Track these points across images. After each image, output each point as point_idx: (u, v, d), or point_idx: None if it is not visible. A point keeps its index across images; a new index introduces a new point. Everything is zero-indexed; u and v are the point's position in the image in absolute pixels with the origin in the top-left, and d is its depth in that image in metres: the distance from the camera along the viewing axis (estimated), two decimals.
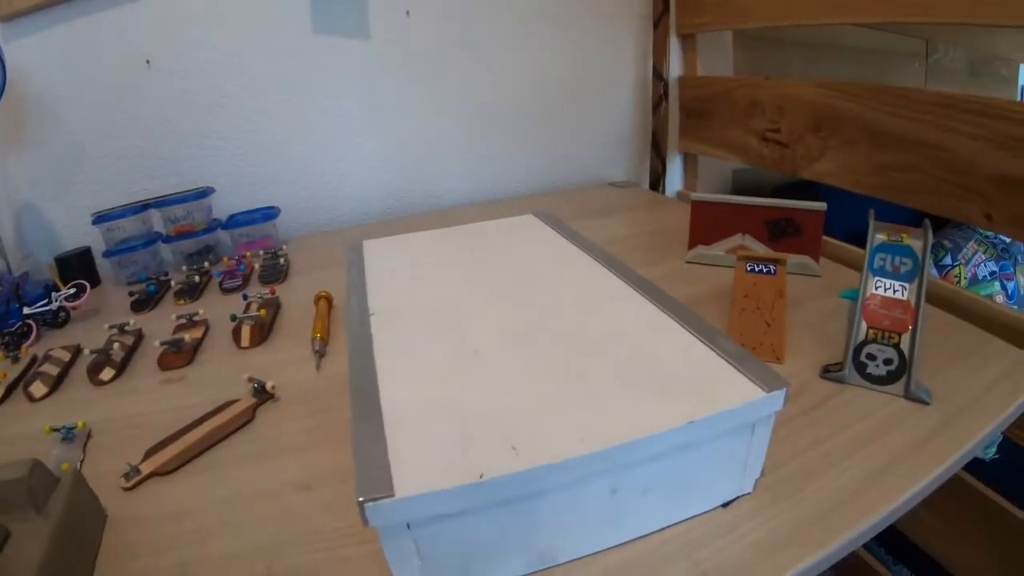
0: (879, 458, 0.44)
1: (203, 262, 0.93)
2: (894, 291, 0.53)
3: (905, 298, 0.53)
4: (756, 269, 0.63)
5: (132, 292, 0.84)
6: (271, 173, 1.08)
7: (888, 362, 0.52)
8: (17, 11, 0.84)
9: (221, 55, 0.98)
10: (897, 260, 0.54)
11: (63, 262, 0.90)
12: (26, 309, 0.75)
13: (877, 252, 0.55)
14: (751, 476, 0.41)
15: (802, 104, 0.92)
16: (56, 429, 0.53)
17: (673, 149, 1.31)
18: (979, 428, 0.47)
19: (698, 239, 0.82)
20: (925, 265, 0.52)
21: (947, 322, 0.63)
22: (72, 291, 0.79)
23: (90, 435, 0.54)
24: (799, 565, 0.36)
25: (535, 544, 0.35)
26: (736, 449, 0.39)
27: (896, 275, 0.53)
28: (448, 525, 0.31)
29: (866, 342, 0.53)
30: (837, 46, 1.40)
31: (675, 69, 1.24)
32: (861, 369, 0.53)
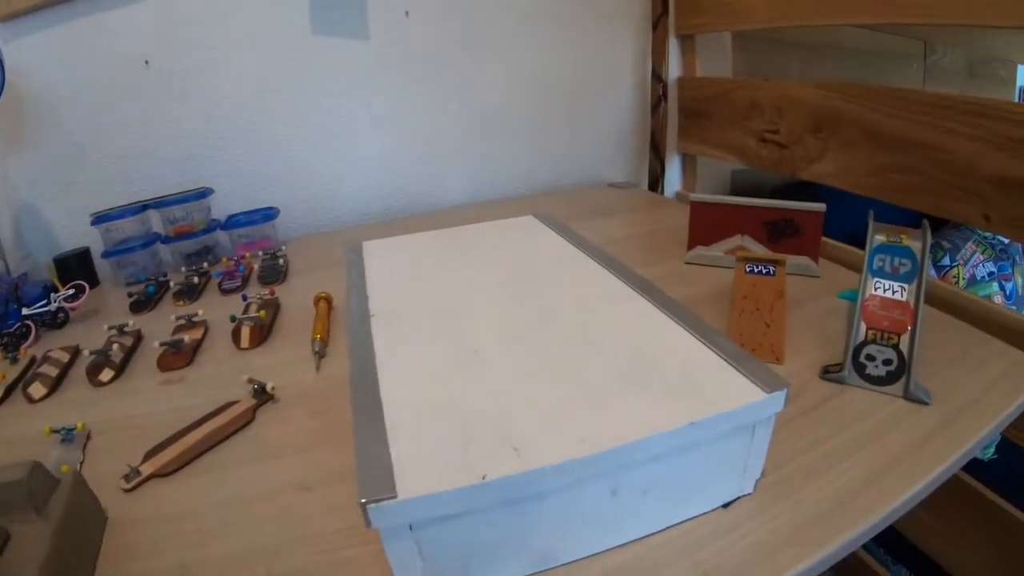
0: (879, 459, 0.45)
1: (202, 263, 0.93)
2: (893, 292, 0.53)
3: (904, 299, 0.53)
4: (755, 270, 0.64)
5: (131, 293, 0.84)
6: (270, 173, 1.08)
7: (887, 363, 0.52)
8: (16, 11, 0.84)
9: (220, 55, 0.98)
10: (896, 261, 0.54)
11: (62, 263, 0.89)
12: (25, 310, 0.75)
13: (876, 253, 0.55)
14: (751, 477, 0.41)
15: (801, 105, 0.92)
16: (56, 430, 0.53)
17: (672, 150, 1.31)
18: (978, 429, 0.47)
19: (697, 240, 0.82)
20: (924, 266, 0.52)
21: (946, 323, 0.63)
22: (71, 292, 0.79)
23: (89, 436, 0.54)
24: (799, 565, 0.37)
25: (536, 545, 0.35)
26: (737, 450, 0.39)
27: (895, 276, 0.54)
28: (450, 526, 0.31)
29: (865, 343, 0.53)
30: (836, 47, 1.40)
31: (674, 70, 1.24)
32: (860, 370, 0.53)
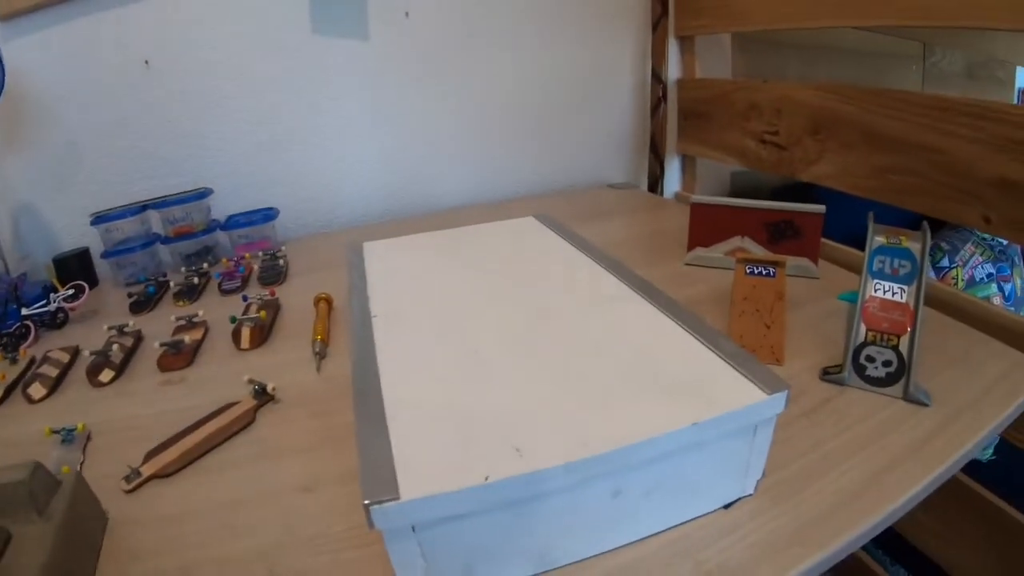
0: (878, 460, 0.45)
1: (202, 263, 0.93)
2: (893, 293, 0.54)
3: (904, 300, 0.53)
4: (755, 271, 0.64)
5: (131, 293, 0.84)
6: (270, 174, 1.07)
7: (887, 364, 0.52)
8: (16, 10, 0.84)
9: (220, 55, 0.97)
10: (896, 263, 0.54)
11: (61, 263, 0.89)
12: (24, 310, 0.75)
13: (876, 255, 0.55)
14: (753, 478, 0.41)
15: (800, 107, 0.93)
16: (56, 431, 0.53)
17: (671, 151, 1.31)
18: (978, 430, 0.47)
19: (697, 241, 0.82)
20: (924, 268, 0.52)
21: (945, 324, 0.63)
22: (70, 292, 0.79)
23: (90, 437, 0.54)
24: (801, 566, 0.37)
25: (538, 546, 0.35)
26: (738, 451, 0.39)
27: (895, 277, 0.54)
28: (453, 527, 0.31)
29: (865, 344, 0.53)
30: (835, 49, 1.40)
31: (673, 71, 1.24)
32: (860, 371, 0.53)
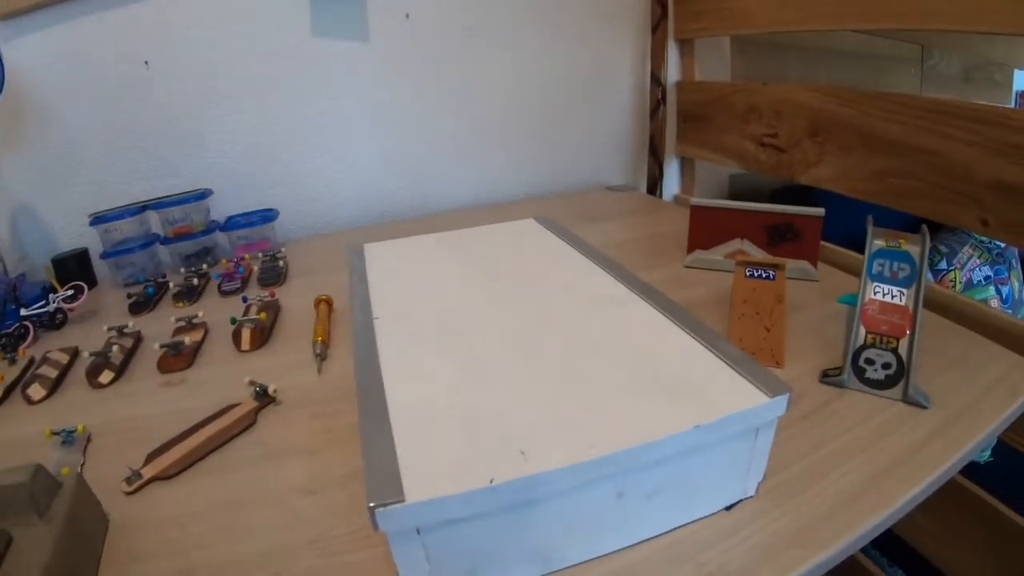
0: (878, 462, 0.45)
1: (201, 264, 0.93)
2: (892, 296, 0.54)
3: (903, 303, 0.53)
4: (755, 274, 0.64)
5: (130, 294, 0.84)
6: (270, 175, 1.07)
7: (886, 366, 0.52)
8: (16, 10, 0.83)
9: (220, 56, 0.97)
10: (895, 266, 0.54)
11: (60, 263, 0.89)
12: (23, 310, 0.75)
13: (875, 258, 0.55)
14: (754, 480, 0.41)
15: (799, 109, 0.93)
16: (56, 432, 0.53)
17: (670, 153, 1.32)
18: (976, 432, 0.48)
19: (697, 244, 0.82)
20: (923, 271, 0.53)
21: (943, 326, 0.64)
22: (70, 293, 0.78)
23: (90, 438, 0.54)
24: (801, 567, 0.37)
25: (542, 548, 0.35)
26: (740, 453, 0.39)
27: (894, 280, 0.54)
28: (457, 530, 0.31)
29: (865, 347, 0.53)
30: (834, 51, 1.41)
31: (673, 74, 1.25)
32: (860, 374, 0.53)
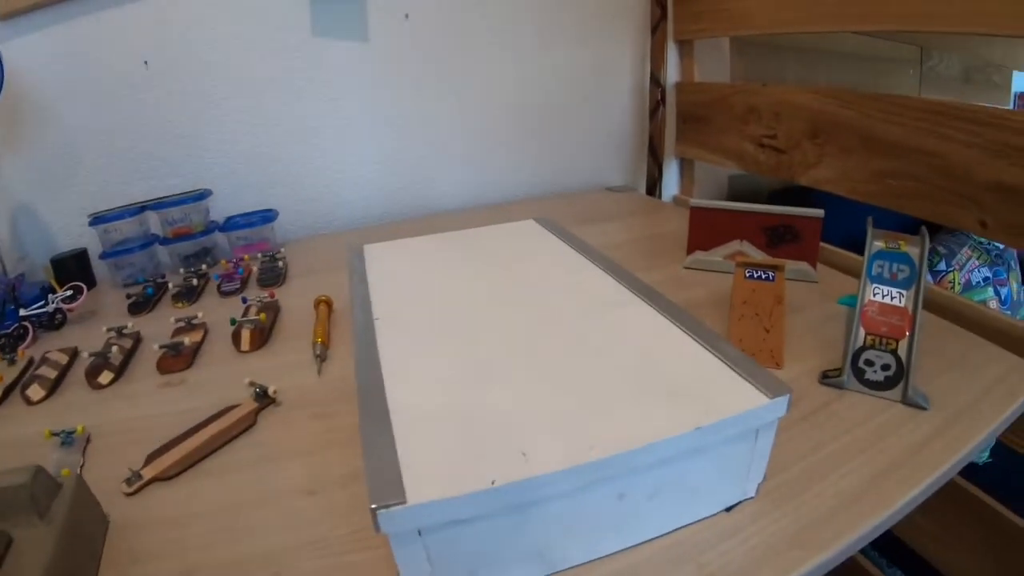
0: (878, 463, 0.45)
1: (200, 265, 0.93)
2: (891, 298, 0.54)
3: (903, 305, 0.53)
4: (755, 275, 0.64)
5: (129, 294, 0.84)
6: (269, 175, 1.07)
7: (886, 368, 0.52)
8: (15, 9, 0.83)
9: (220, 56, 0.97)
10: (895, 267, 0.54)
11: (59, 263, 0.89)
12: (22, 311, 0.75)
13: (875, 259, 0.55)
14: (754, 481, 0.41)
15: (798, 111, 0.93)
16: (55, 433, 0.53)
17: (669, 154, 1.32)
18: (976, 433, 0.48)
19: (696, 245, 0.82)
20: (922, 272, 0.53)
21: (943, 328, 0.64)
22: (69, 293, 0.78)
23: (89, 439, 0.54)
24: (801, 568, 0.37)
25: (543, 549, 0.35)
26: (740, 454, 0.39)
27: (894, 282, 0.54)
28: (459, 531, 0.31)
29: (864, 348, 0.53)
30: (833, 52, 1.41)
31: (672, 75, 1.25)
32: (859, 375, 0.53)
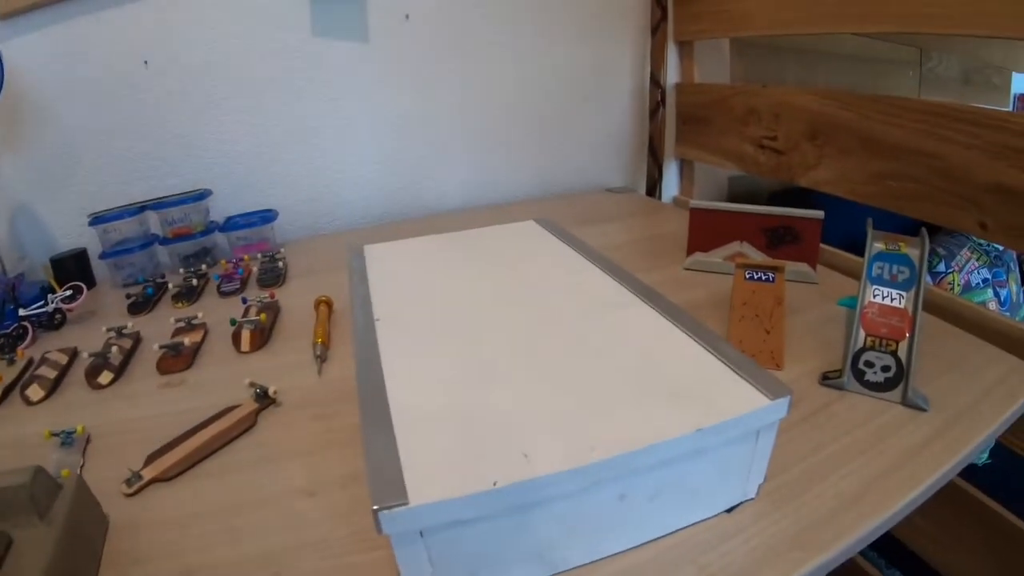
0: (878, 464, 0.45)
1: (200, 265, 0.93)
2: (891, 299, 0.54)
3: (903, 306, 0.53)
4: (755, 276, 0.64)
5: (129, 294, 0.84)
6: (269, 175, 1.07)
7: (886, 369, 0.52)
8: (15, 9, 0.83)
9: (220, 56, 0.97)
10: (895, 269, 0.54)
11: (58, 263, 0.89)
12: (22, 311, 0.75)
13: (875, 261, 0.55)
14: (755, 482, 0.41)
15: (798, 112, 0.93)
16: (55, 433, 0.53)
17: (669, 155, 1.32)
18: (975, 434, 0.48)
19: (696, 246, 0.82)
20: (922, 274, 0.53)
21: (942, 329, 0.64)
22: (68, 293, 0.78)
23: (89, 439, 0.54)
24: (802, 569, 0.37)
25: (544, 550, 0.35)
26: (741, 455, 0.39)
27: (894, 283, 0.54)
28: (460, 532, 0.31)
29: (864, 349, 0.53)
30: (833, 54, 1.41)
31: (672, 76, 1.25)
32: (859, 376, 0.53)
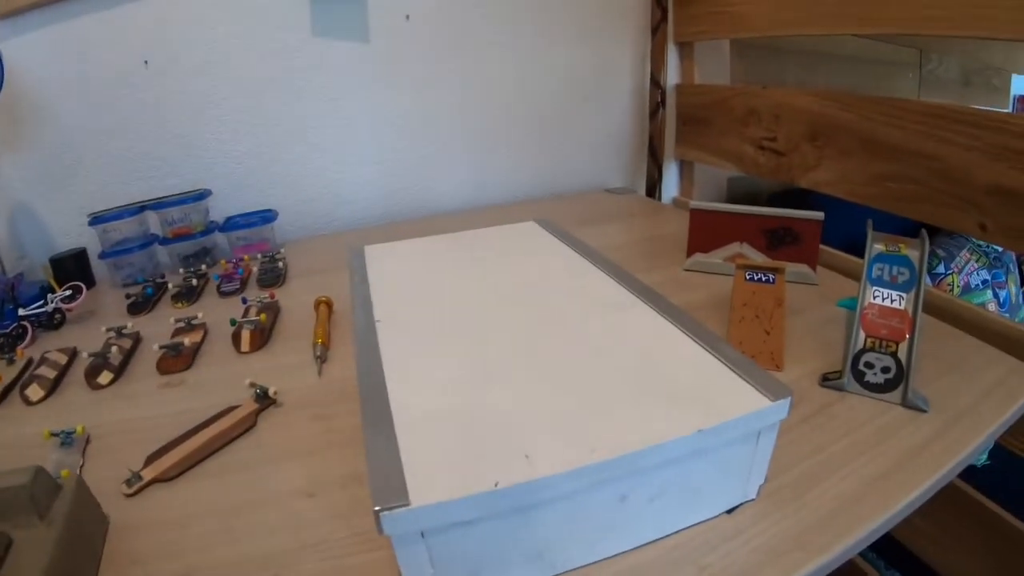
0: (878, 465, 0.45)
1: (200, 265, 0.92)
2: (891, 301, 0.54)
3: (903, 307, 0.53)
4: (755, 278, 0.64)
5: (129, 294, 0.84)
6: (269, 175, 1.07)
7: (886, 370, 0.52)
8: (15, 8, 0.83)
9: (220, 56, 0.97)
10: (895, 270, 0.54)
11: (58, 263, 0.89)
12: (21, 310, 0.75)
13: (875, 262, 0.55)
14: (755, 483, 0.42)
15: (798, 113, 0.93)
16: (55, 433, 0.53)
17: (669, 156, 1.32)
18: (975, 435, 0.48)
19: (696, 247, 0.82)
20: (922, 275, 0.53)
21: (942, 331, 0.64)
22: (68, 293, 0.78)
23: (89, 440, 0.54)
24: (802, 570, 0.37)
25: (545, 551, 0.35)
26: (741, 456, 0.39)
27: (894, 285, 0.54)
28: (461, 533, 0.31)
29: (864, 351, 0.53)
30: (833, 55, 1.41)
31: (672, 76, 1.25)
32: (859, 377, 0.54)
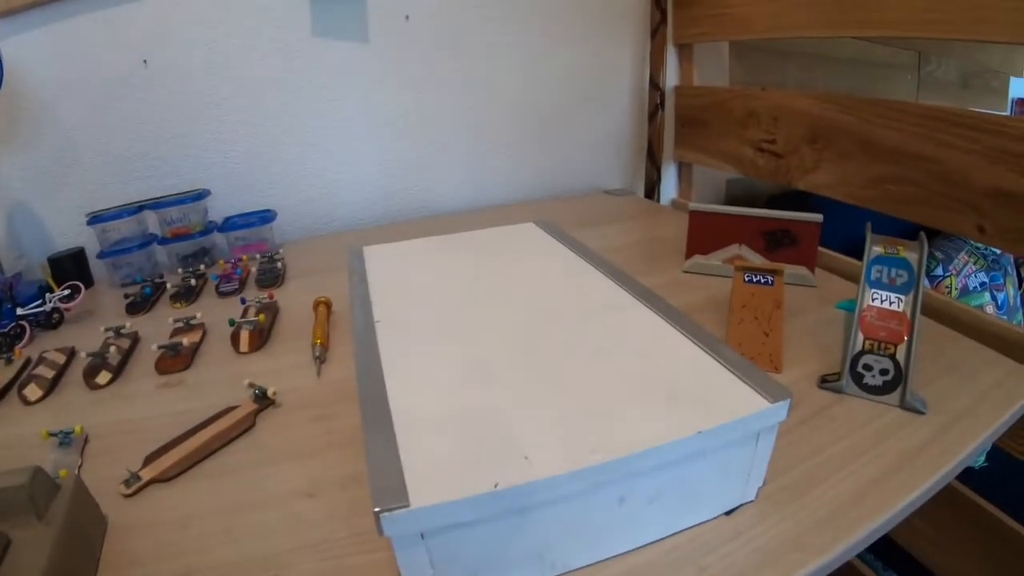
0: (876, 467, 0.45)
1: (199, 265, 0.92)
2: (890, 303, 0.54)
3: (901, 310, 0.54)
4: (754, 279, 0.64)
5: (127, 294, 0.83)
6: (268, 175, 1.07)
7: (884, 372, 0.52)
8: (14, 7, 0.83)
9: (219, 56, 0.97)
10: (893, 272, 0.55)
11: (56, 263, 0.88)
12: (19, 310, 0.74)
13: (874, 264, 0.55)
14: (754, 484, 0.42)
15: (797, 115, 0.94)
16: (53, 433, 0.52)
17: (668, 158, 1.32)
18: (973, 437, 0.48)
19: (695, 249, 0.82)
20: (921, 278, 0.53)
21: (940, 333, 0.64)
22: (66, 292, 0.78)
23: (87, 440, 0.54)
24: (801, 571, 0.37)
25: (545, 552, 0.35)
26: (741, 458, 0.39)
27: (892, 287, 0.54)
28: (461, 534, 0.32)
29: (863, 353, 0.54)
30: (832, 57, 1.42)
31: (671, 78, 1.25)
32: (858, 379, 0.54)
